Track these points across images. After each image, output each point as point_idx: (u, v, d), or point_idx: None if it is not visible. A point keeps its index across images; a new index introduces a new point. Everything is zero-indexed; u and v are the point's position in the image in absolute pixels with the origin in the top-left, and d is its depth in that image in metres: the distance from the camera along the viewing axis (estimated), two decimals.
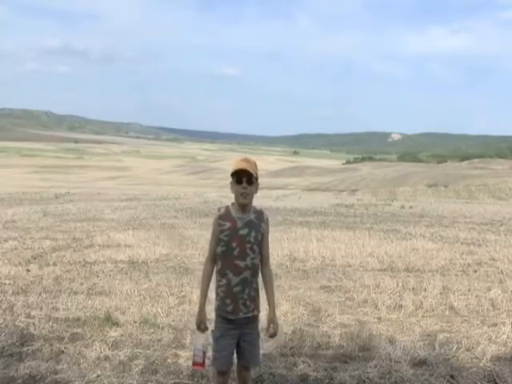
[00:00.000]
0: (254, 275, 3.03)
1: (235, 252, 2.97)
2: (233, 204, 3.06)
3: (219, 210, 3.09)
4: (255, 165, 3.00)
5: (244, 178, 2.94)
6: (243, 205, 3.00)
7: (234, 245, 2.98)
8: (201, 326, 3.11)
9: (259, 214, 3.07)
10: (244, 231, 2.99)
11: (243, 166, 2.94)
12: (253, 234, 3.00)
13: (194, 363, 3.09)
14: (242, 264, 2.97)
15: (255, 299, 3.05)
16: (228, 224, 3.00)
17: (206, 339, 3.09)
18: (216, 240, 3.03)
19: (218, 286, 3.06)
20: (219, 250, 3.01)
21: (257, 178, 2.99)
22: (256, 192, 3.02)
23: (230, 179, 3.00)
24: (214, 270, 3.08)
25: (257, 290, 3.06)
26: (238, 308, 2.99)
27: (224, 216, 3.03)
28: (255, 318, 3.08)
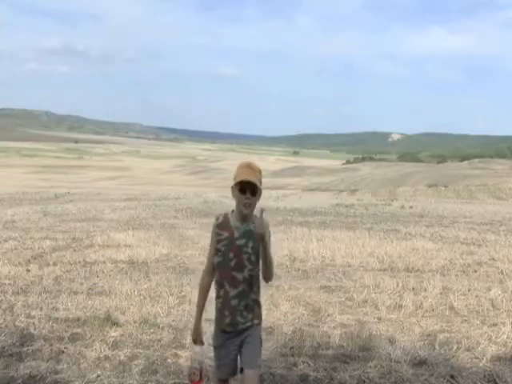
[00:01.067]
0: (253, 286, 2.91)
1: (232, 263, 2.85)
2: (233, 211, 2.92)
3: (217, 218, 2.96)
4: (259, 172, 2.86)
5: (248, 189, 2.79)
6: (244, 215, 2.86)
7: (230, 255, 2.86)
8: (196, 342, 3.02)
9: (256, 222, 2.88)
10: (241, 241, 2.86)
11: (248, 176, 2.78)
12: (250, 244, 2.86)
13: (191, 380, 2.99)
14: (239, 276, 2.86)
15: (254, 309, 2.93)
16: (225, 234, 2.88)
17: (202, 354, 3.00)
18: (214, 250, 2.92)
19: (216, 296, 2.96)
20: (216, 260, 2.91)
21: (261, 186, 2.84)
22: (258, 200, 2.87)
23: (230, 178, 2.90)
24: (213, 280, 2.98)
25: (256, 300, 2.94)
26: (235, 320, 2.89)
27: (222, 225, 2.91)
28: (256, 327, 2.95)
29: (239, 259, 2.85)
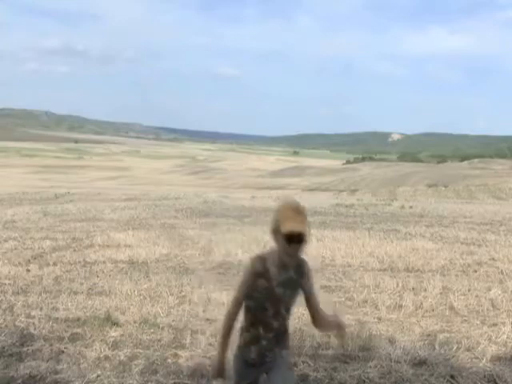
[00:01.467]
0: (285, 328, 2.72)
1: (269, 312, 2.61)
2: (271, 254, 2.60)
3: (253, 263, 2.60)
4: (306, 213, 2.52)
5: (296, 238, 2.46)
6: (286, 264, 2.57)
7: (267, 305, 2.60)
8: (217, 378, 2.74)
9: (299, 266, 2.63)
10: (280, 290, 2.59)
11: (298, 226, 2.44)
12: (288, 292, 2.62)
13: None
14: (274, 324, 2.64)
15: (284, 340, 2.73)
16: (263, 281, 2.57)
17: None
18: (246, 293, 2.62)
19: (245, 329, 2.68)
20: (250, 304, 2.63)
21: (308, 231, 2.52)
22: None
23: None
24: (243, 311, 2.68)
25: (285, 332, 2.73)
26: (262, 354, 2.67)
27: (259, 273, 2.57)
28: (284, 356, 2.74)
29: (276, 308, 2.62)
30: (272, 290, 2.58)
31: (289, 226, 2.43)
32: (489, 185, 58.44)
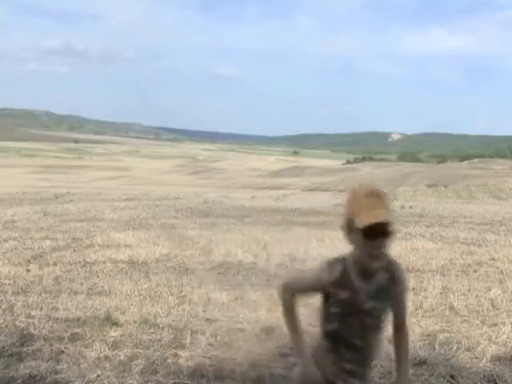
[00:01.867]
0: (373, 345, 2.21)
1: (354, 329, 2.10)
2: (349, 258, 2.08)
3: (331, 267, 2.07)
4: (387, 197, 1.96)
5: (378, 231, 1.88)
6: (370, 269, 2.02)
7: (352, 321, 2.09)
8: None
9: (390, 270, 2.06)
10: (369, 304, 2.06)
11: (378, 214, 1.86)
12: (380, 305, 2.08)
13: None
14: (361, 343, 2.13)
15: (369, 360, 2.27)
16: (345, 294, 2.04)
17: None
18: (311, 292, 2.21)
19: (321, 354, 2.19)
20: (329, 327, 2.14)
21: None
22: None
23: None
24: (322, 342, 2.22)
25: (372, 349, 2.26)
26: (342, 377, 2.18)
27: (339, 283, 2.04)
28: (366, 378, 2.26)
29: (364, 326, 2.10)
30: (357, 303, 2.06)
31: (367, 218, 1.86)
32: (489, 185, 58.41)
